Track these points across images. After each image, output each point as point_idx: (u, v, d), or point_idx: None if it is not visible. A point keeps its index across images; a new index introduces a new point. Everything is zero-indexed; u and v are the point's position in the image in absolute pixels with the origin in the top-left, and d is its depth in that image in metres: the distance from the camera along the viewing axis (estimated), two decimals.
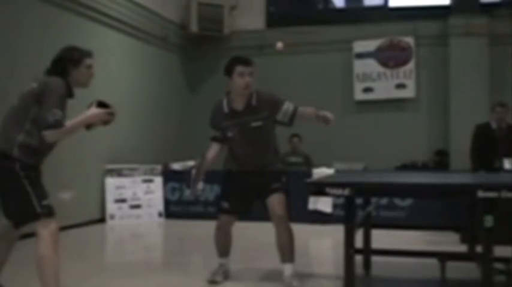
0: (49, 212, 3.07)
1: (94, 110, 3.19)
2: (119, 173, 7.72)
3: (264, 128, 3.86)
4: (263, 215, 4.01)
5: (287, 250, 3.84)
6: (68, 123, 3.10)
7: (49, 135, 3.04)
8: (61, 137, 3.10)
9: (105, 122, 3.26)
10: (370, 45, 9.41)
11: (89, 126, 3.25)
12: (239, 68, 3.79)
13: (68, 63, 3.19)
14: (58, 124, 3.02)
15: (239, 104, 3.86)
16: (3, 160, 3.06)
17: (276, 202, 3.82)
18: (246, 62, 3.83)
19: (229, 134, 3.91)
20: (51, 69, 3.22)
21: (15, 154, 3.04)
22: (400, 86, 9.31)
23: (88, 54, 3.28)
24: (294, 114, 3.84)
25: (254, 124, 3.83)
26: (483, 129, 6.45)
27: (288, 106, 3.84)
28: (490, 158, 6.10)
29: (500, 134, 6.34)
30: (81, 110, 3.23)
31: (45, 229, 3.05)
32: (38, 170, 3.19)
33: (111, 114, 3.22)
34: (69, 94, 3.21)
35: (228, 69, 3.84)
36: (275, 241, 3.86)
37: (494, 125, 6.39)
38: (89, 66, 3.26)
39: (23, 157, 3.04)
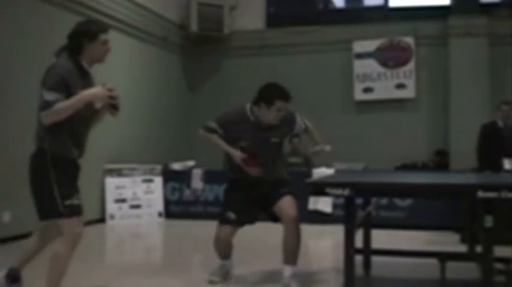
0: (72, 213, 3.05)
1: (94, 89, 3.11)
2: (119, 173, 7.72)
3: (279, 143, 3.96)
4: (263, 215, 4.01)
5: (292, 252, 3.80)
6: (63, 102, 3.00)
7: (42, 117, 2.99)
8: (55, 117, 2.99)
9: (113, 106, 3.18)
10: (370, 45, 9.41)
11: (112, 111, 3.20)
12: (279, 103, 3.72)
13: (84, 38, 3.13)
14: (46, 105, 2.96)
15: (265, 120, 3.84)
16: (38, 154, 3.07)
17: (289, 203, 3.80)
18: (287, 98, 3.77)
19: (243, 143, 3.82)
20: (67, 43, 3.17)
21: (46, 146, 3.03)
22: (400, 86, 9.31)
23: (104, 29, 3.21)
24: (301, 133, 4.17)
25: (273, 140, 3.88)
26: (490, 128, 6.42)
27: (299, 124, 4.03)
28: (497, 157, 6.08)
29: (507, 133, 6.31)
30: None
31: (69, 230, 3.05)
32: (73, 164, 3.16)
33: (110, 90, 3.11)
34: (81, 71, 3.15)
35: (269, 98, 3.73)
36: (282, 241, 3.81)
37: (500, 124, 6.37)
38: (105, 42, 3.19)
39: (53, 149, 3.02)
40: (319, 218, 7.08)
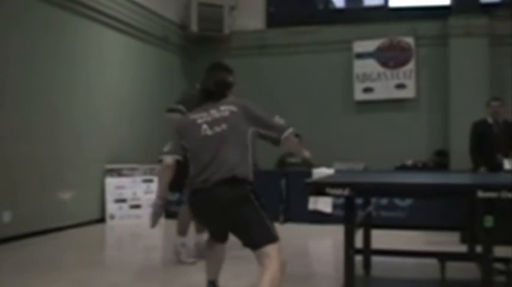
0: (278, 236, 2.96)
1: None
2: (119, 173, 7.71)
3: None
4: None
5: None
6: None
7: (285, 140, 3.05)
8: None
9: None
10: (370, 45, 9.41)
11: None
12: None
13: (228, 90, 3.24)
14: (288, 127, 3.08)
15: None
16: (245, 187, 2.96)
17: None
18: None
19: None
20: (213, 92, 3.23)
21: (250, 177, 2.98)
22: (400, 86, 9.32)
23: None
24: None
25: None
26: (480, 126, 6.42)
27: None
28: (489, 154, 6.09)
29: (497, 129, 6.31)
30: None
31: (279, 256, 2.89)
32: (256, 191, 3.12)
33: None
34: None
35: None
36: None
37: (490, 120, 6.36)
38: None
39: (251, 178, 2.99)
40: (319, 218, 7.07)
